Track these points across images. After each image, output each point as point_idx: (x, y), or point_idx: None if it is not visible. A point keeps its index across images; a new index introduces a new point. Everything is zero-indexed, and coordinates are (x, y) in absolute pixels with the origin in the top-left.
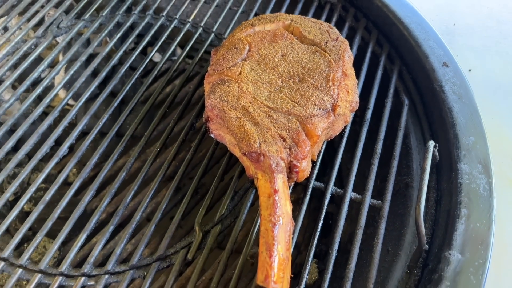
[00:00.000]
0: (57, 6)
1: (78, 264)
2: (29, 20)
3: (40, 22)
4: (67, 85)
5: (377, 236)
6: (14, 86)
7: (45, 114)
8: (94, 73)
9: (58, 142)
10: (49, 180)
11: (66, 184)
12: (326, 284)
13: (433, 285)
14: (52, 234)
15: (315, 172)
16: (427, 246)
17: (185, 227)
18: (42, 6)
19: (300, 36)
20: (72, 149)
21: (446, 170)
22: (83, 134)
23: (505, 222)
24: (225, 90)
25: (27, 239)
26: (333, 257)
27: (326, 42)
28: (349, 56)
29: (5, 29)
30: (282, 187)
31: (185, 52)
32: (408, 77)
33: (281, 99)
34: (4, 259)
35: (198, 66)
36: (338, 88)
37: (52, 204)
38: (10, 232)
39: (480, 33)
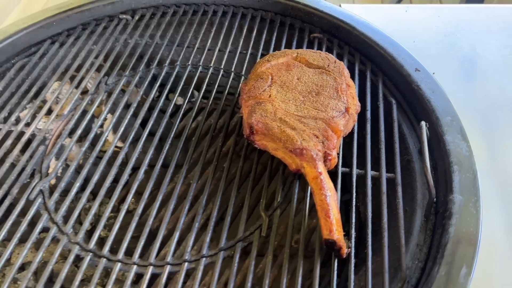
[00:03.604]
0: (98, 70)
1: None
2: (78, 85)
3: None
4: (115, 129)
5: (397, 198)
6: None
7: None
8: (143, 123)
9: (116, 179)
10: (114, 209)
11: (129, 211)
12: (369, 235)
13: (447, 219)
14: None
15: (340, 160)
16: (435, 199)
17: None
18: (87, 71)
19: (307, 63)
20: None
21: (436, 142)
22: (135, 169)
23: (484, 172)
24: (263, 109)
25: None
26: (370, 218)
27: (328, 65)
28: (347, 72)
29: (55, 91)
30: (323, 170)
31: (214, 90)
32: (390, 84)
33: (307, 109)
34: (119, 261)
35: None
36: (346, 95)
37: (124, 227)
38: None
39: (434, 45)
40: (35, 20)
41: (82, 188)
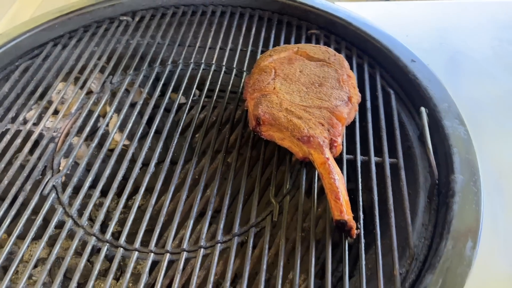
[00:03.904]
0: (102, 70)
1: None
2: (82, 85)
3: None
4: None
5: (401, 181)
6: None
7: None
8: (149, 121)
9: (126, 175)
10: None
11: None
12: (377, 216)
13: (450, 197)
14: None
15: (344, 148)
16: (437, 180)
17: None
18: (91, 71)
19: (308, 57)
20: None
21: (435, 127)
22: (144, 165)
23: (481, 151)
24: (268, 100)
25: None
26: (376, 201)
27: (329, 58)
28: (347, 64)
29: (61, 91)
30: (330, 156)
31: (217, 87)
32: (387, 75)
33: (311, 99)
34: (136, 249)
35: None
36: (348, 85)
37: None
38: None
39: (426, 39)
40: (37, 23)
41: (93, 184)
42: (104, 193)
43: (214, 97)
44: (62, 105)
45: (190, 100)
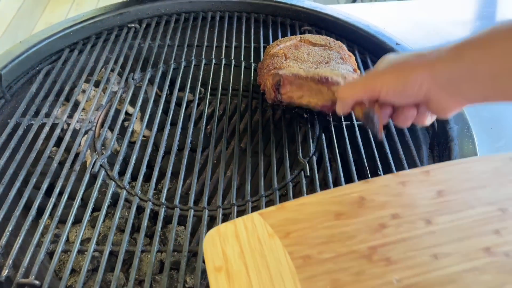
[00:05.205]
0: (122, 70)
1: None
2: (106, 83)
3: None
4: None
5: (406, 136)
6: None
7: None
8: (174, 111)
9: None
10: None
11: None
12: (391, 159)
13: (451, 142)
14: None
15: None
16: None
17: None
18: (111, 70)
19: (311, 43)
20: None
21: None
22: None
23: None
24: (287, 68)
25: None
26: (389, 153)
27: (329, 43)
28: (345, 47)
29: (86, 90)
30: None
31: (231, 78)
32: (376, 59)
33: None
34: (191, 208)
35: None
36: (351, 62)
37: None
38: None
39: (403, 34)
40: (54, 31)
41: (137, 162)
42: (149, 168)
43: (230, 88)
44: (90, 101)
45: (209, 92)
